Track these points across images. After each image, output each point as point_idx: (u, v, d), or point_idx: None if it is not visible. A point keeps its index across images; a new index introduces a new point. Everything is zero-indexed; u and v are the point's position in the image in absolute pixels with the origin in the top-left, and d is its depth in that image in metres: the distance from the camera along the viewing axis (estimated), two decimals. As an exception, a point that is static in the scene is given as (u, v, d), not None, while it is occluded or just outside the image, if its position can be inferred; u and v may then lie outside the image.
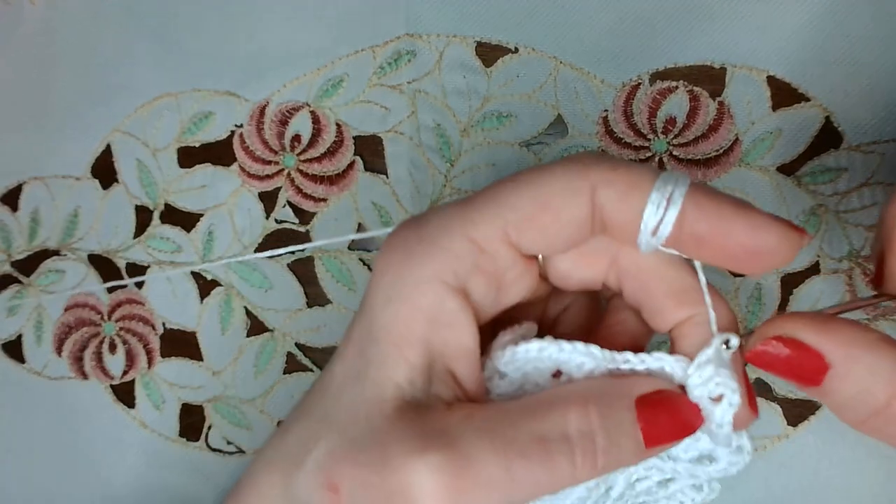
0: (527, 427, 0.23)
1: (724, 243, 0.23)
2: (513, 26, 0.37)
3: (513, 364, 0.25)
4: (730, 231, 0.22)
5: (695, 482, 0.28)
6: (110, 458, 0.40)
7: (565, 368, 0.25)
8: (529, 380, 0.25)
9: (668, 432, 0.24)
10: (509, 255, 0.24)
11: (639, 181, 0.23)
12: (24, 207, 0.41)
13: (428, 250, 0.24)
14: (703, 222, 0.23)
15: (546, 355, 0.24)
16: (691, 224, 0.23)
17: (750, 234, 0.22)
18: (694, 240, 0.23)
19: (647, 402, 0.23)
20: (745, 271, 0.24)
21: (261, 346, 0.39)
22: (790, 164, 0.35)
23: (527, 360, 0.25)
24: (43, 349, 0.41)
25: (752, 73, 0.35)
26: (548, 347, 0.24)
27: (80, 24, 0.41)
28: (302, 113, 0.38)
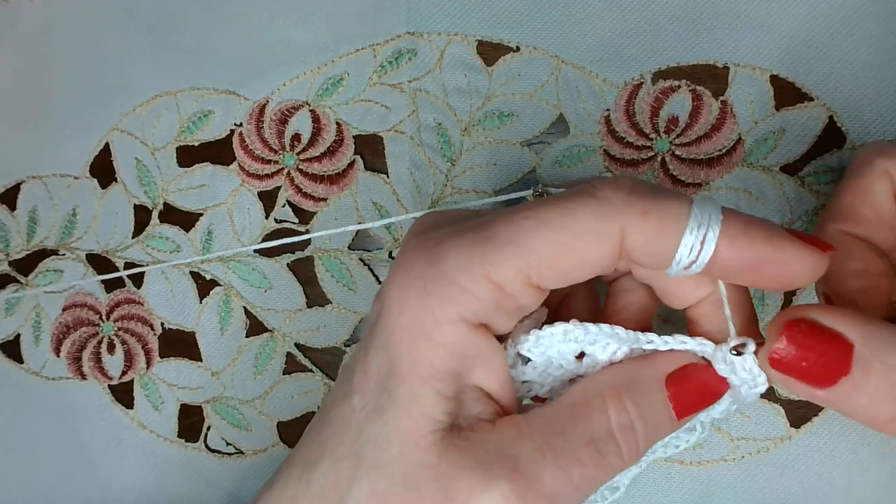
0: (575, 433, 0.23)
1: (757, 277, 0.23)
2: (514, 25, 0.36)
3: (538, 348, 0.25)
4: (763, 266, 0.23)
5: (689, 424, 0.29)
6: (109, 459, 0.40)
7: (589, 350, 0.25)
8: (553, 363, 0.26)
9: (697, 402, 0.24)
10: (529, 294, 0.24)
11: (671, 223, 0.23)
12: (22, 207, 0.41)
13: (447, 291, 0.23)
14: (736, 261, 0.23)
15: (572, 338, 0.25)
16: (724, 263, 0.23)
17: (783, 267, 0.23)
18: (725, 272, 0.23)
19: (676, 378, 0.24)
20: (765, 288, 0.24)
21: (260, 346, 0.39)
22: (793, 163, 0.34)
23: (551, 343, 0.25)
24: (41, 349, 0.40)
25: (755, 73, 0.35)
26: (573, 330, 0.25)
27: (79, 23, 0.40)
28: (302, 112, 0.38)
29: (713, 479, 0.35)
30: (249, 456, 0.39)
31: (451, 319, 0.23)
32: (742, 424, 0.35)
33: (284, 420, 0.38)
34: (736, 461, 0.35)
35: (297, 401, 0.38)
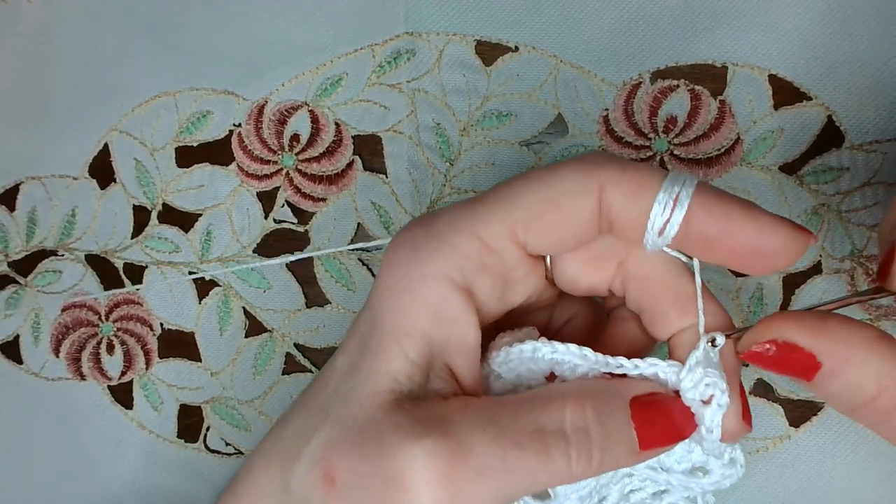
0: (524, 419, 0.23)
1: (731, 244, 0.23)
2: (513, 25, 0.36)
3: (507, 364, 0.25)
4: (736, 232, 0.23)
5: (689, 494, 0.28)
6: (108, 460, 0.40)
7: (559, 371, 0.25)
8: (523, 382, 0.25)
9: (661, 435, 0.24)
10: (516, 253, 0.25)
11: (647, 181, 0.23)
12: (21, 207, 0.41)
13: (436, 246, 0.24)
14: (710, 224, 0.23)
15: (540, 356, 0.24)
16: (698, 225, 0.23)
17: (756, 236, 0.23)
18: (700, 240, 0.23)
19: (642, 403, 0.24)
20: (750, 272, 0.24)
21: (259, 346, 0.39)
22: (792, 163, 0.34)
23: (521, 360, 0.25)
24: (40, 350, 0.40)
25: (753, 72, 0.35)
26: (541, 348, 0.24)
27: (78, 23, 0.40)
28: (301, 112, 0.38)
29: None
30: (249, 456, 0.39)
31: (435, 274, 0.24)
32: (741, 424, 0.35)
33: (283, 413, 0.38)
34: (735, 460, 0.35)
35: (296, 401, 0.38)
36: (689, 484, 0.27)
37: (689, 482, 0.27)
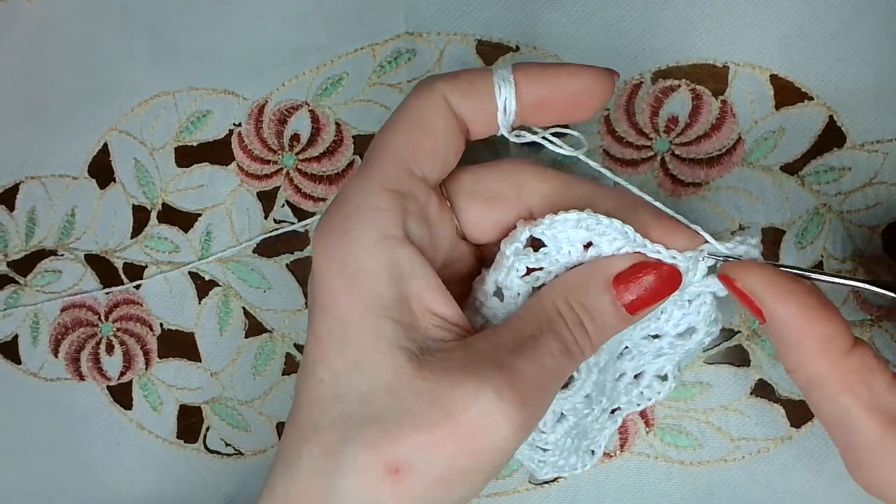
0: (542, 335, 0.26)
1: (556, 98, 0.27)
2: (513, 24, 0.36)
3: (551, 230, 0.27)
4: (557, 86, 0.27)
5: (660, 372, 0.32)
6: (107, 460, 0.40)
7: (597, 241, 0.27)
8: (563, 248, 0.27)
9: (647, 298, 0.27)
10: (422, 188, 0.27)
11: (475, 78, 0.27)
12: (20, 207, 0.41)
13: (359, 216, 0.26)
14: (535, 87, 0.27)
15: (583, 225, 0.27)
16: (528, 94, 0.27)
17: (573, 82, 0.27)
18: (534, 105, 0.27)
19: (623, 279, 0.27)
20: (575, 118, 0.28)
21: (259, 346, 0.39)
22: (793, 163, 0.34)
23: (564, 228, 0.27)
24: (39, 350, 0.40)
25: (755, 72, 0.35)
26: (586, 219, 0.27)
27: (77, 22, 0.40)
28: (301, 112, 0.38)
29: (713, 480, 0.35)
30: (248, 456, 0.39)
31: (374, 240, 0.25)
32: (742, 424, 0.35)
33: (284, 421, 0.38)
34: (736, 461, 0.35)
35: (296, 401, 0.38)
36: (678, 343, 0.31)
37: (678, 342, 0.31)
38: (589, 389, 0.30)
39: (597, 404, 0.31)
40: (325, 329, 0.26)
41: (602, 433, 0.33)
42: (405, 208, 0.26)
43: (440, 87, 0.27)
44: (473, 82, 0.27)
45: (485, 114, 0.27)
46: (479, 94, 0.27)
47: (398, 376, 0.24)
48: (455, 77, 0.27)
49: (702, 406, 0.35)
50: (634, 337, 0.31)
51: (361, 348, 0.25)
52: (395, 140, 0.27)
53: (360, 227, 0.25)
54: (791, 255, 0.34)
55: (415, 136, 0.27)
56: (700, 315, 0.30)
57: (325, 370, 0.26)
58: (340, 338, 0.25)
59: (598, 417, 0.32)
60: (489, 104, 0.27)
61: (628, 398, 0.33)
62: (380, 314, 0.25)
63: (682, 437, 0.35)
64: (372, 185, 0.26)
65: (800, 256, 0.34)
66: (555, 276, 0.28)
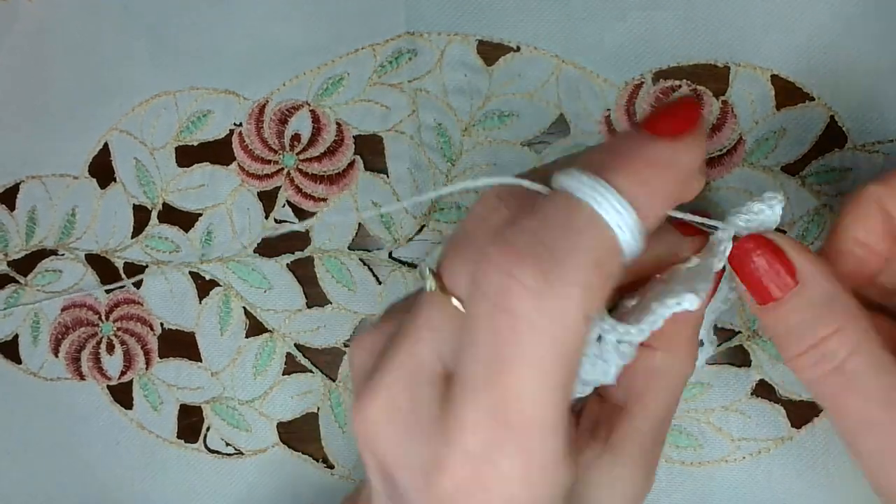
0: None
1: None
2: (514, 24, 0.36)
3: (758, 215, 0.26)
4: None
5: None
6: (107, 460, 0.40)
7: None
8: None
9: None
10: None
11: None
12: (21, 206, 0.41)
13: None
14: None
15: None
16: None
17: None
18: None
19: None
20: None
21: (260, 346, 0.39)
22: (794, 163, 0.34)
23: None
24: (39, 350, 0.40)
25: (756, 72, 0.35)
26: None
27: (77, 22, 0.40)
28: (301, 112, 0.38)
29: (714, 480, 0.35)
30: (249, 456, 0.39)
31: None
32: (743, 425, 0.35)
33: (284, 420, 0.38)
34: (737, 462, 0.35)
35: (296, 401, 0.38)
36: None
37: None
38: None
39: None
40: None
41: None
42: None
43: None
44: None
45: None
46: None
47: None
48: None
49: (702, 406, 0.35)
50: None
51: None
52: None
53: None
54: (792, 255, 0.34)
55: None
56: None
57: None
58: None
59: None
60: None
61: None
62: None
63: (682, 437, 0.35)
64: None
65: (800, 257, 0.34)
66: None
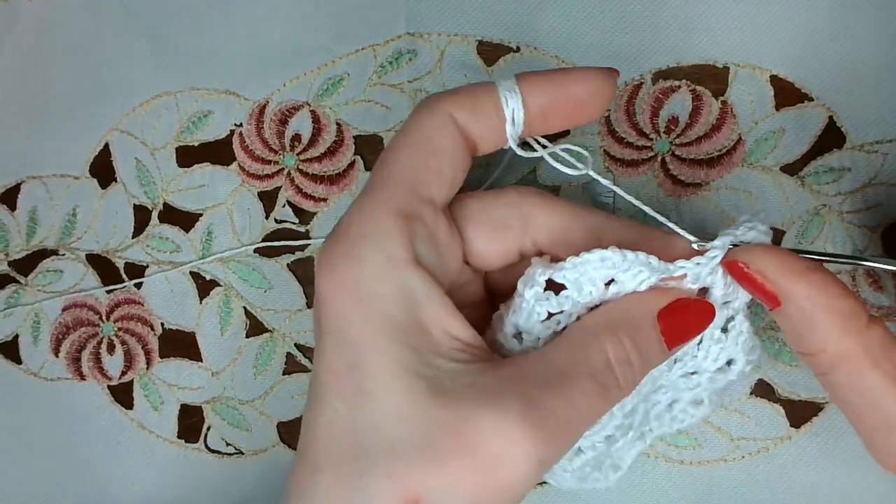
0: (576, 370, 0.25)
1: (562, 103, 0.27)
2: (514, 25, 0.36)
3: (573, 273, 0.26)
4: (562, 92, 0.27)
5: (709, 390, 0.31)
6: (108, 460, 0.40)
7: (620, 278, 0.26)
8: (584, 289, 0.26)
9: (686, 333, 0.27)
10: (430, 211, 0.26)
11: (479, 92, 0.27)
12: (22, 207, 0.41)
13: (367, 243, 0.25)
14: (541, 95, 0.27)
15: (609, 264, 0.26)
16: (533, 103, 0.27)
17: (577, 86, 0.27)
18: (540, 114, 0.27)
19: (668, 312, 0.26)
20: (581, 122, 0.28)
21: (260, 346, 0.39)
22: (793, 163, 0.34)
23: (585, 270, 0.26)
24: (40, 350, 0.40)
25: (755, 73, 0.35)
26: (611, 257, 0.26)
27: (78, 22, 0.40)
28: (302, 112, 0.38)
29: (713, 479, 0.35)
30: (249, 456, 0.39)
31: (383, 265, 0.25)
32: (742, 424, 0.35)
33: (284, 420, 0.38)
34: (736, 461, 0.35)
35: (297, 401, 0.38)
36: (716, 378, 0.29)
37: (717, 377, 0.29)
38: (611, 432, 0.29)
39: (621, 438, 0.30)
40: (335, 356, 0.25)
41: (629, 452, 0.32)
42: (414, 231, 0.25)
43: (444, 105, 0.26)
44: (478, 97, 0.27)
45: (492, 128, 0.27)
46: (484, 108, 0.27)
47: (415, 404, 0.24)
48: (458, 93, 0.27)
49: (702, 406, 0.35)
50: (672, 377, 0.30)
51: (375, 375, 0.24)
52: (401, 161, 0.26)
53: (368, 253, 0.25)
54: (791, 255, 0.34)
55: (420, 156, 0.26)
56: (738, 346, 0.29)
57: (338, 399, 0.25)
58: (353, 365, 0.24)
59: (623, 446, 0.31)
60: (496, 118, 0.27)
61: (660, 422, 0.32)
62: (394, 338, 0.24)
63: (681, 436, 0.35)
64: (378, 209, 0.25)
65: (800, 257, 0.34)
66: (576, 317, 0.27)
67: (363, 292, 0.25)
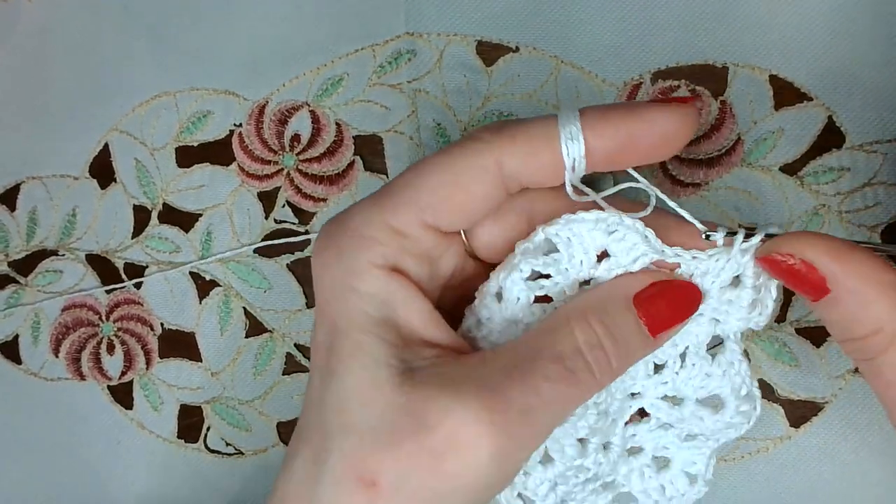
0: (541, 354, 0.24)
1: (632, 147, 0.25)
2: (513, 25, 0.36)
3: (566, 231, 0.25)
4: (632, 136, 0.24)
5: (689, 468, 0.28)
6: (108, 460, 0.40)
7: (614, 249, 0.25)
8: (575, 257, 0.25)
9: (670, 317, 0.25)
10: (429, 236, 0.25)
11: (537, 138, 0.25)
12: (21, 207, 0.41)
13: (355, 242, 0.25)
14: (606, 140, 0.24)
15: (602, 227, 0.25)
16: (598, 148, 0.24)
17: (651, 130, 0.24)
18: (607, 158, 0.25)
19: (645, 297, 0.25)
20: (658, 159, 0.25)
21: (260, 346, 0.39)
22: (792, 163, 0.34)
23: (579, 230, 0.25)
24: (40, 350, 0.40)
25: (754, 72, 0.35)
26: (607, 219, 0.24)
27: (78, 23, 0.40)
28: (301, 112, 0.38)
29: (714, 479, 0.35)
30: (249, 456, 0.39)
31: (364, 267, 0.25)
32: (742, 424, 0.35)
33: (284, 420, 0.38)
34: (736, 461, 0.35)
35: (296, 401, 0.38)
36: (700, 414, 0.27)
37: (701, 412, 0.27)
38: (583, 433, 0.27)
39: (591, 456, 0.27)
40: (319, 334, 0.26)
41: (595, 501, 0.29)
42: (403, 247, 0.25)
43: (495, 152, 0.25)
44: (535, 144, 0.25)
45: (547, 175, 0.25)
46: (541, 155, 0.25)
47: (377, 388, 0.24)
48: (515, 140, 0.25)
49: (701, 406, 0.35)
50: (648, 394, 0.28)
51: (343, 358, 0.24)
52: (423, 183, 0.25)
53: (354, 252, 0.25)
54: (790, 255, 0.34)
55: (446, 191, 0.25)
56: (727, 380, 0.27)
57: (316, 375, 0.25)
58: (328, 345, 0.25)
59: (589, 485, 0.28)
60: (553, 164, 0.25)
61: (644, 487, 0.29)
62: (366, 329, 0.24)
63: (681, 436, 0.35)
64: (376, 217, 0.25)
65: (799, 257, 0.34)
66: (563, 292, 0.26)
67: (345, 283, 0.25)
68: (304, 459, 0.25)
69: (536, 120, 0.25)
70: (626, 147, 0.25)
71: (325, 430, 0.24)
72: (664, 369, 0.27)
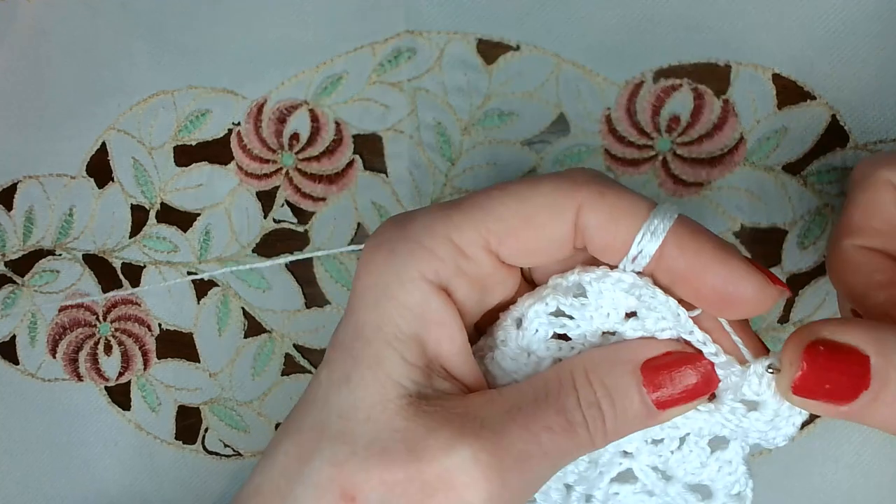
0: (545, 403, 0.24)
1: (698, 285, 0.23)
2: (514, 23, 0.36)
3: (600, 283, 0.24)
4: (705, 275, 0.23)
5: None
6: (105, 461, 0.39)
7: (643, 314, 0.24)
8: (603, 310, 0.24)
9: (679, 395, 0.24)
10: (490, 261, 0.24)
11: (625, 210, 0.23)
12: (18, 207, 0.41)
13: (411, 249, 0.24)
14: (680, 260, 0.23)
15: (635, 293, 0.24)
16: (668, 260, 0.23)
17: (724, 281, 0.22)
18: (669, 274, 0.23)
19: (654, 367, 0.24)
20: (716, 314, 0.24)
21: (258, 347, 0.38)
22: (796, 163, 0.34)
23: (614, 287, 0.24)
24: (37, 350, 0.40)
25: (757, 71, 0.34)
26: (642, 287, 0.23)
27: (75, 21, 0.40)
28: (300, 111, 0.38)
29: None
30: (247, 458, 0.38)
31: (412, 277, 0.24)
32: (744, 426, 0.34)
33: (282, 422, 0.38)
34: (738, 463, 0.35)
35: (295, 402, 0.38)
36: (687, 499, 0.26)
37: (688, 496, 0.26)
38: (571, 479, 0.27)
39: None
40: (342, 332, 0.25)
41: None
42: (460, 267, 0.24)
43: (580, 197, 0.23)
44: (620, 214, 0.23)
45: (609, 247, 0.24)
46: (619, 230, 0.23)
47: (382, 407, 0.23)
48: (602, 195, 0.23)
49: (703, 407, 0.35)
50: (641, 458, 0.27)
51: (359, 365, 0.24)
52: (496, 208, 0.24)
53: (406, 259, 0.24)
54: (793, 255, 0.34)
55: (516, 221, 0.23)
56: (721, 475, 0.26)
57: (326, 373, 0.25)
58: (349, 347, 0.24)
59: None
60: (621, 242, 0.23)
61: None
62: (390, 342, 0.24)
63: (683, 438, 0.35)
64: (440, 228, 0.24)
65: (802, 257, 0.34)
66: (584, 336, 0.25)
67: (387, 290, 0.24)
68: (288, 455, 0.24)
69: (634, 193, 0.24)
70: (693, 279, 0.23)
71: (322, 430, 0.24)
72: (661, 444, 0.26)
